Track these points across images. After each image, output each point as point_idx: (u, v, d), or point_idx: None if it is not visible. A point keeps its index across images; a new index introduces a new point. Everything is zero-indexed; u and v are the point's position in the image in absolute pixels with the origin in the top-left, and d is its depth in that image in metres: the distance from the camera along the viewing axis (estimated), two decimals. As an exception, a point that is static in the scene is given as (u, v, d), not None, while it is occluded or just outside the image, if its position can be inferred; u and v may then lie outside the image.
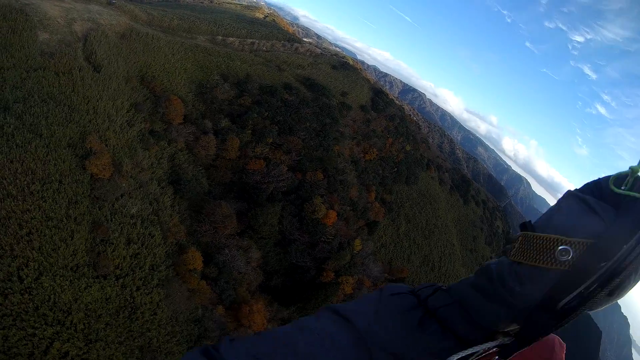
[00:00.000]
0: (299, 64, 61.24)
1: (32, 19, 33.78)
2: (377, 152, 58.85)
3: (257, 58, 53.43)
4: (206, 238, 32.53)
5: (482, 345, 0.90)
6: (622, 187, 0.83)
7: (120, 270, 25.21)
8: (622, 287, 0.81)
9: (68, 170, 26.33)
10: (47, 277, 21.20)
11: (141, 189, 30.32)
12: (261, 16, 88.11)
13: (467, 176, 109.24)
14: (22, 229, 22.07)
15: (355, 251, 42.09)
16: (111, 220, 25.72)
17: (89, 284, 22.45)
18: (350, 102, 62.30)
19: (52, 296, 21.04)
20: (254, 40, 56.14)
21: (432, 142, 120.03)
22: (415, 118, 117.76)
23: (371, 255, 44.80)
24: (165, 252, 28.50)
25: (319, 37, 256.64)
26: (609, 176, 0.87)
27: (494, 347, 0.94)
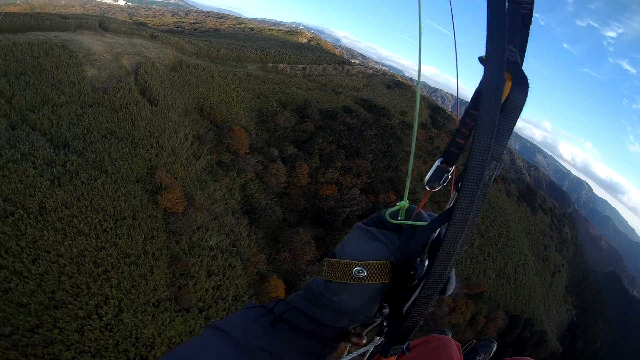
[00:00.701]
0: (353, 86, 58.55)
1: (77, 55, 30.10)
2: None
3: (312, 83, 50.93)
4: (286, 266, 31.16)
5: (364, 348, 1.13)
6: (399, 218, 1.01)
7: (203, 302, 23.32)
8: (447, 283, 0.98)
9: (140, 206, 23.69)
10: (128, 314, 19.50)
11: (216, 221, 27.38)
12: (305, 40, 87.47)
13: (532, 185, 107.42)
14: (98, 267, 19.93)
15: None
16: (190, 254, 23.75)
17: (172, 318, 21.06)
18: (411, 121, 59.68)
19: (133, 332, 19.34)
20: (305, 65, 53.12)
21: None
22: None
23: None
24: (247, 282, 26.96)
25: (363, 57, 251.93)
26: (385, 210, 1.05)
27: (373, 347, 1.15)
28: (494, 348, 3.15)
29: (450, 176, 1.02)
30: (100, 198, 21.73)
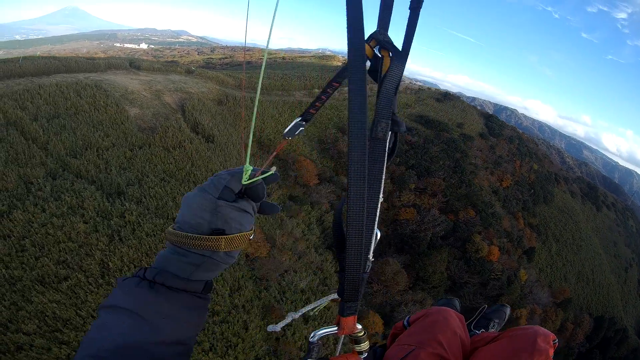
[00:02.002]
0: (405, 102, 55.78)
1: (113, 94, 25.69)
2: (511, 177, 55.86)
3: (324, 110, 45.64)
4: (379, 298, 29.61)
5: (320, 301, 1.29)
6: (244, 181, 1.08)
7: (304, 351, 15.39)
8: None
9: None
10: (228, 379, 15.03)
11: (301, 260, 23.36)
12: (339, 64, 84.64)
13: (591, 183, 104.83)
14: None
15: (522, 282, 40.38)
16: (282, 301, 19.93)
17: (275, 374, 16.83)
18: (469, 132, 56.98)
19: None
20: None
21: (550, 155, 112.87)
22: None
23: (536, 283, 42.28)
24: (345, 322, 19.06)
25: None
26: (234, 177, 1.10)
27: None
28: (508, 312, 3.28)
29: (303, 129, 1.15)
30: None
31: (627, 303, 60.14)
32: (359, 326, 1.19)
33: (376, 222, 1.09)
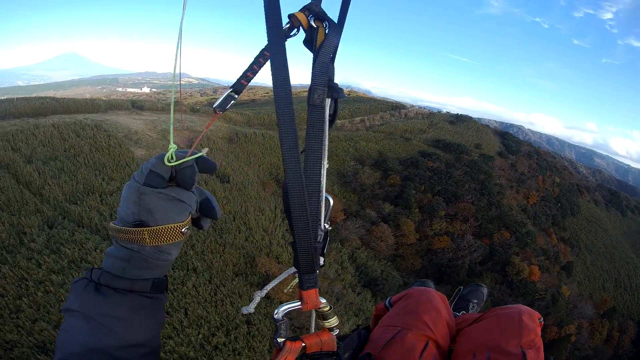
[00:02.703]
0: (419, 128, 53.99)
1: (116, 135, 23.36)
2: (536, 193, 55.07)
3: (377, 134, 46.02)
4: None
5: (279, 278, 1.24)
6: (170, 160, 0.99)
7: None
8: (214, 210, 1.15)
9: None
10: None
11: (340, 302, 20.75)
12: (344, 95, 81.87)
13: (613, 189, 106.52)
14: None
15: (566, 298, 39.26)
16: None
17: None
18: (488, 152, 55.78)
19: None
20: (362, 117, 47.20)
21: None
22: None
23: (579, 297, 41.38)
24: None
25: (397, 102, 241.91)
26: (160, 158, 1.01)
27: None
28: (485, 292, 3.19)
29: (234, 101, 1.07)
30: (197, 305, 13.63)
31: (665, 303, 60.27)
32: (323, 300, 1.14)
33: (323, 188, 1.04)
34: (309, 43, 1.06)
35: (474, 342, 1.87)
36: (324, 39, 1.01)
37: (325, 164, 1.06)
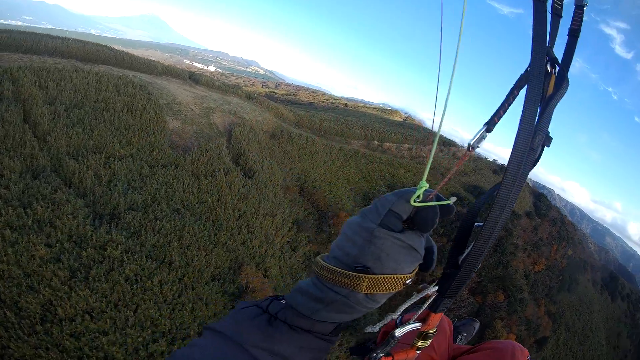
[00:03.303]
0: (462, 170, 51.06)
1: (157, 101, 21.76)
2: (545, 261, 52.87)
3: (420, 165, 43.15)
4: None
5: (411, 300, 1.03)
6: (416, 200, 0.88)
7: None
8: (432, 257, 0.97)
9: (214, 319, 12.70)
10: None
11: (341, 335, 14.31)
12: (400, 119, 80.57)
13: (614, 273, 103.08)
14: None
15: None
16: None
17: None
18: (517, 209, 52.59)
19: None
20: (411, 145, 44.26)
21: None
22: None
23: None
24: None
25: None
26: (402, 197, 0.90)
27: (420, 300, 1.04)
28: (477, 327, 3.26)
29: (485, 140, 1.02)
30: (153, 304, 11.37)
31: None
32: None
33: (501, 229, 0.95)
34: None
35: None
36: (554, 89, 0.97)
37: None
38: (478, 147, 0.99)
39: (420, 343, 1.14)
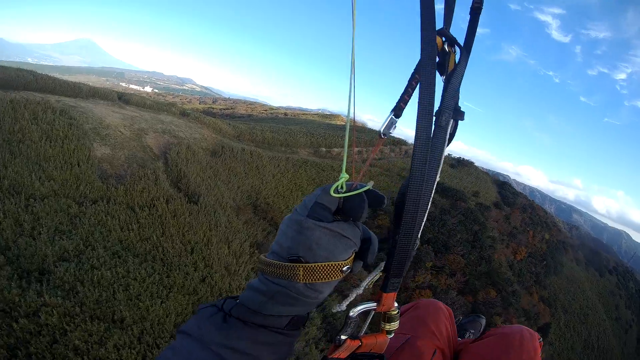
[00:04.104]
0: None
1: (82, 126, 19.94)
2: (525, 249, 53.83)
3: (374, 168, 43.21)
4: None
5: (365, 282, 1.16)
6: (339, 191, 0.95)
7: None
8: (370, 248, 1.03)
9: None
10: None
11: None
12: (342, 123, 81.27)
13: (595, 249, 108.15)
14: None
15: None
16: None
17: None
18: (485, 202, 53.73)
19: None
20: (360, 148, 44.07)
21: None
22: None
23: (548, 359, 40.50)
24: None
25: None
26: (325, 190, 0.97)
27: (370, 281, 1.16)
28: (483, 323, 3.32)
29: (396, 126, 1.06)
30: None
31: (627, 364, 61.54)
32: (395, 304, 1.15)
33: (429, 204, 1.07)
34: (440, 67, 1.07)
35: (478, 358, 1.98)
36: (455, 65, 1.04)
37: (437, 178, 1.07)
38: (390, 133, 1.04)
39: (387, 326, 1.17)
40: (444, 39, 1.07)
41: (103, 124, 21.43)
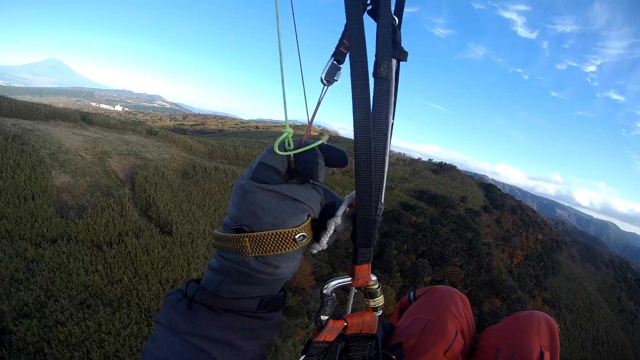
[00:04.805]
0: (400, 176, 50.16)
1: (38, 152, 18.48)
2: (521, 252, 53.63)
3: (353, 178, 40.36)
4: None
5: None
6: (287, 148, 0.89)
7: None
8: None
9: None
10: None
11: None
12: (316, 133, 80.00)
13: (587, 243, 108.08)
14: None
15: None
16: None
17: None
18: (474, 207, 53.01)
19: None
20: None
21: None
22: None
23: None
24: None
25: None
26: (269, 149, 0.91)
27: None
28: None
29: (340, 72, 1.02)
30: None
31: (639, 353, 60.34)
32: (373, 277, 1.05)
33: (386, 164, 0.99)
34: (373, 14, 0.98)
35: (498, 339, 1.97)
36: (378, 19, 0.94)
37: (390, 135, 1.00)
38: (335, 80, 0.99)
39: (372, 303, 1.11)
40: None
41: (62, 148, 19.86)
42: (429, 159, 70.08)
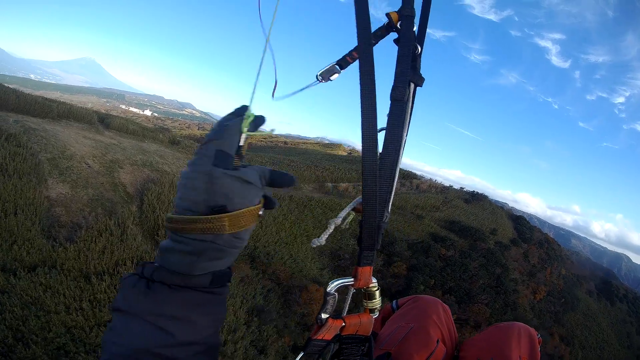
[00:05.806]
0: (432, 204, 46.89)
1: (35, 156, 15.94)
2: (544, 287, 50.74)
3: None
4: None
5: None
6: (246, 130, 0.95)
7: None
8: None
9: None
10: None
11: None
12: (345, 153, 77.81)
13: (605, 278, 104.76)
14: None
15: None
16: None
17: None
18: (503, 240, 49.95)
19: None
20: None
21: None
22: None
23: None
24: None
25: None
26: (224, 137, 0.93)
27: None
28: None
29: (337, 75, 1.08)
30: None
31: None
32: (374, 279, 1.13)
33: (397, 175, 1.06)
34: (397, 42, 1.06)
35: (479, 349, 1.99)
36: (400, 35, 1.04)
37: (402, 153, 1.07)
38: (330, 79, 1.05)
39: (370, 304, 1.15)
40: (401, 15, 1.05)
41: (66, 153, 17.24)
42: (461, 187, 66.20)
